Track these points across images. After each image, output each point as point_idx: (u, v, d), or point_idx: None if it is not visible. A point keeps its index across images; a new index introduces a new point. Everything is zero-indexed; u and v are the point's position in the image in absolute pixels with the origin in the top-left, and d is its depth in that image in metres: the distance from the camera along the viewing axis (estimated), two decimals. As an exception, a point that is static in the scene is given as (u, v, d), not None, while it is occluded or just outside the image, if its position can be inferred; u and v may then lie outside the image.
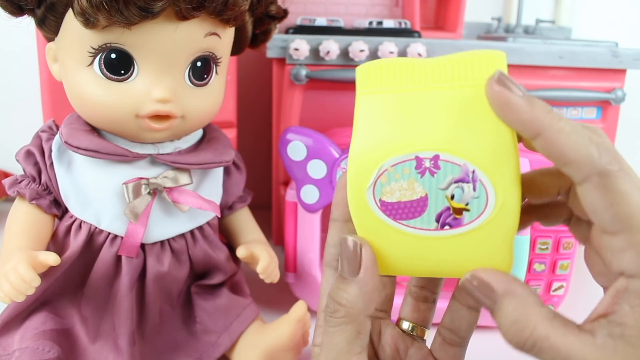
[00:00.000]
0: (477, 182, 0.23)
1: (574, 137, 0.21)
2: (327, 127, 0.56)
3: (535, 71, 0.59)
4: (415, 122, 0.24)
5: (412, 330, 0.31)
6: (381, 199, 0.24)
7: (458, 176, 0.23)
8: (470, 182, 0.23)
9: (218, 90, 0.41)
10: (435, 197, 0.24)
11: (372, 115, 0.25)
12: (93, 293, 0.41)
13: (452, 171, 0.23)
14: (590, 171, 0.21)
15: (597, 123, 0.61)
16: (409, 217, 0.24)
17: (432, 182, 0.24)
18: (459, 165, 0.23)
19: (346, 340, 0.25)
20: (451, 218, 0.24)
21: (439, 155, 0.23)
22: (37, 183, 0.40)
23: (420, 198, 0.24)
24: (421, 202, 0.24)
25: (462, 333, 0.30)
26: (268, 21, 0.45)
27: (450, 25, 0.68)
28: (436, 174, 0.24)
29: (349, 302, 0.25)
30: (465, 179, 0.23)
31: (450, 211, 0.24)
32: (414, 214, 0.24)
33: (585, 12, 0.83)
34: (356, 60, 0.55)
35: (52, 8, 0.36)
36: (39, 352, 0.36)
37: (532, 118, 0.22)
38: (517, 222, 0.24)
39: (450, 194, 0.24)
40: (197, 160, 0.41)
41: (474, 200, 0.23)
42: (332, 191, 0.47)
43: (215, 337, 0.43)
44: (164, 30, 0.35)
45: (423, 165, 0.24)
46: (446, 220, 0.24)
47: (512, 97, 0.22)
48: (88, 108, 0.38)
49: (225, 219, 0.48)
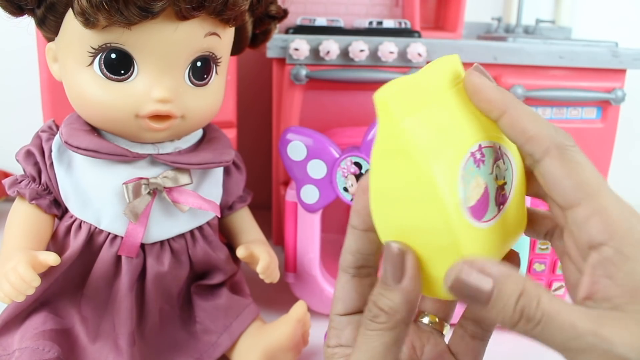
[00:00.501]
0: (504, 156, 0.26)
1: (534, 117, 0.24)
2: (327, 127, 0.56)
3: (535, 71, 0.59)
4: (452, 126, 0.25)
5: (431, 323, 0.31)
6: (468, 206, 0.24)
7: (494, 156, 0.25)
8: (500, 157, 0.26)
9: (218, 90, 0.41)
10: (490, 184, 0.25)
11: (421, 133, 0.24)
12: (93, 293, 0.41)
13: (491, 154, 0.25)
14: (550, 144, 0.23)
15: (597, 123, 0.61)
16: (484, 212, 0.25)
17: (484, 171, 0.25)
18: (492, 147, 0.25)
19: (384, 345, 0.25)
20: (501, 196, 0.25)
21: (481, 145, 0.25)
22: (37, 183, 0.40)
23: (484, 191, 0.25)
24: (485, 194, 0.25)
25: (486, 325, 0.30)
26: (268, 21, 0.45)
27: (450, 25, 0.68)
28: (485, 162, 0.25)
29: (392, 310, 0.24)
30: (498, 157, 0.25)
31: (499, 191, 0.25)
32: (486, 208, 0.25)
33: (585, 12, 0.83)
34: (356, 61, 0.55)
35: (52, 8, 0.36)
36: (39, 352, 0.36)
37: (500, 98, 0.24)
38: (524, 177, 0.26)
39: (495, 175, 0.25)
40: (197, 160, 0.41)
41: (506, 173, 0.26)
42: (332, 191, 0.47)
43: (215, 337, 0.43)
44: (164, 30, 0.35)
45: (476, 158, 0.25)
46: (500, 200, 0.25)
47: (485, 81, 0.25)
48: (88, 108, 0.38)
49: (225, 219, 0.48)
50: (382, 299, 0.25)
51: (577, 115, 0.61)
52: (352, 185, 0.46)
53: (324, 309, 0.52)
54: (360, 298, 0.28)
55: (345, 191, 0.47)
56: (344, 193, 0.47)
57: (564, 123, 0.60)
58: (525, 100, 0.58)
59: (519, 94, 0.57)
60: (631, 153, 0.84)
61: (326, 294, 0.51)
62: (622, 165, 0.72)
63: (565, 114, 0.60)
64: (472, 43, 0.58)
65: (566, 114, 0.60)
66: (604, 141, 0.62)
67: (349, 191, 0.47)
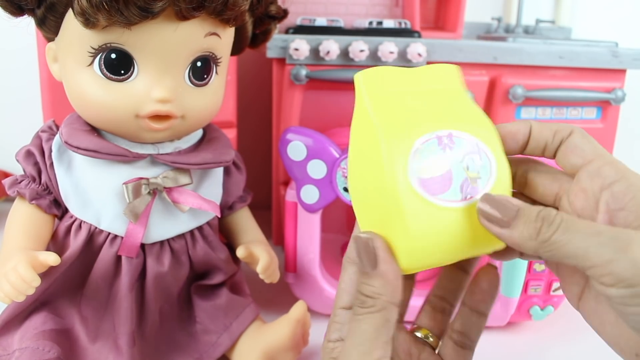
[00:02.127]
0: (482, 152, 0.27)
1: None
2: (327, 127, 0.56)
3: (535, 71, 0.59)
4: (421, 112, 0.28)
5: (426, 338, 0.32)
6: (419, 177, 0.26)
7: (469, 149, 0.27)
8: (477, 153, 0.27)
9: (218, 90, 0.41)
10: (456, 170, 0.27)
11: (386, 110, 0.28)
12: (93, 293, 0.41)
13: (464, 145, 0.27)
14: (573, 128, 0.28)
15: (597, 123, 0.61)
16: (442, 191, 0.26)
17: (451, 157, 0.27)
18: (467, 140, 0.27)
19: (374, 327, 0.26)
20: (470, 187, 0.27)
21: (452, 133, 0.27)
22: (37, 183, 0.40)
23: (446, 172, 0.26)
24: (447, 175, 0.26)
25: (473, 336, 0.31)
26: (268, 21, 0.45)
27: (450, 25, 0.68)
28: (453, 149, 0.27)
29: (375, 294, 0.26)
30: (474, 151, 0.27)
31: (469, 181, 0.27)
32: (444, 188, 0.26)
33: (585, 12, 0.83)
34: (356, 61, 0.55)
35: (52, 8, 0.36)
36: (39, 352, 0.36)
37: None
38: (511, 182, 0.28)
39: (466, 166, 0.27)
40: (197, 160, 0.41)
41: (482, 169, 0.27)
42: (332, 191, 0.47)
43: (215, 337, 0.43)
44: (164, 30, 0.35)
45: (443, 142, 0.27)
46: (467, 189, 0.27)
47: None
48: (88, 108, 0.38)
49: (225, 219, 0.48)
50: (364, 286, 0.26)
51: (577, 115, 0.61)
52: (352, 185, 0.46)
53: (324, 309, 0.52)
54: None
55: (345, 191, 0.47)
56: (344, 193, 0.47)
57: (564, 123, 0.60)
58: (525, 100, 0.58)
59: (519, 94, 0.57)
60: (631, 153, 0.84)
61: (326, 294, 0.51)
62: (622, 165, 0.71)
63: (565, 114, 0.60)
64: (472, 43, 0.58)
65: (566, 114, 0.60)
66: (604, 141, 0.62)
67: (349, 191, 0.46)
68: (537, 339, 0.51)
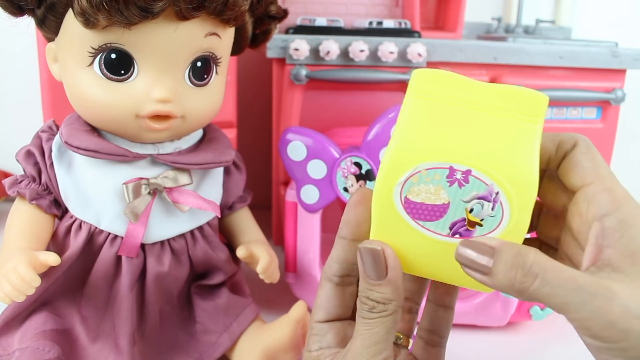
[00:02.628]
0: (497, 203, 0.25)
1: None
2: (327, 127, 0.56)
3: (535, 71, 0.59)
4: (457, 135, 0.25)
5: (397, 340, 0.33)
6: (407, 196, 0.25)
7: (482, 193, 0.25)
8: (491, 201, 0.25)
9: (218, 90, 0.41)
10: (456, 207, 0.25)
11: (418, 118, 0.26)
12: (93, 293, 0.41)
13: (478, 188, 0.25)
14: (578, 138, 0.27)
15: (597, 123, 0.61)
16: (426, 219, 0.26)
17: (457, 193, 0.25)
18: (487, 184, 0.25)
19: (385, 329, 0.27)
20: (464, 229, 0.26)
21: (471, 171, 0.25)
22: (37, 183, 0.40)
23: (442, 204, 0.25)
24: (442, 208, 0.25)
25: (442, 332, 0.32)
26: (268, 21, 0.45)
27: (450, 25, 0.68)
28: (463, 187, 0.25)
29: (386, 300, 0.27)
30: (488, 198, 0.25)
31: (464, 222, 0.25)
32: (431, 217, 0.26)
33: (585, 12, 0.83)
34: (356, 61, 0.55)
35: (52, 8, 0.36)
36: (39, 352, 0.36)
37: None
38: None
39: (470, 208, 0.25)
40: (198, 160, 0.41)
41: (489, 218, 0.25)
42: (332, 191, 0.47)
43: (215, 337, 0.43)
44: (164, 31, 0.35)
45: (454, 176, 0.25)
46: (458, 229, 0.26)
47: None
48: (88, 108, 0.38)
49: (225, 219, 0.48)
50: (372, 293, 0.27)
51: (577, 115, 0.61)
52: (352, 185, 0.46)
53: (324, 309, 0.52)
54: (342, 305, 0.30)
55: (345, 191, 0.47)
56: (344, 193, 0.47)
57: (564, 123, 0.61)
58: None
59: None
60: (631, 153, 0.84)
61: (326, 294, 0.51)
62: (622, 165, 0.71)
63: (565, 114, 0.60)
64: (472, 43, 0.58)
65: (566, 114, 0.60)
66: (604, 141, 0.62)
67: (349, 191, 0.47)
68: (537, 339, 0.51)
